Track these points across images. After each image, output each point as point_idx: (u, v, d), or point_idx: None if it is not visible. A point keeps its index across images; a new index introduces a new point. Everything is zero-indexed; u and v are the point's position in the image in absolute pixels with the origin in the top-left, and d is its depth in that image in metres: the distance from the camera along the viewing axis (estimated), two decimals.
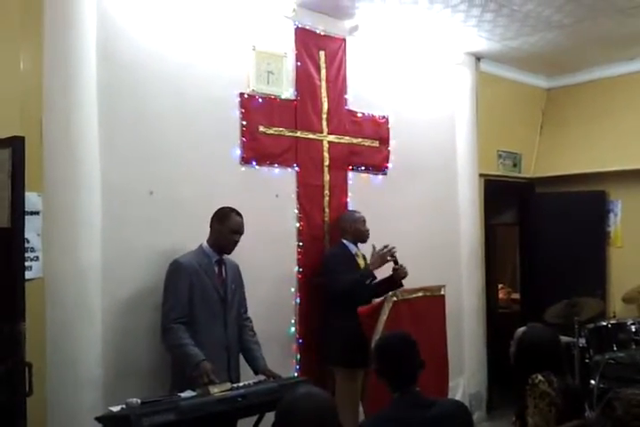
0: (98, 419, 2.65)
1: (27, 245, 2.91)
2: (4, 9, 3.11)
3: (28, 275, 2.83)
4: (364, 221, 4.21)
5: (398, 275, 4.06)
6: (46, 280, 3.10)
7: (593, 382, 4.51)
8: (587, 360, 4.69)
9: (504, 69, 5.97)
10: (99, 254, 3.25)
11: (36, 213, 3.08)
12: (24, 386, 2.58)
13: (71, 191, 3.16)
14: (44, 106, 3.14)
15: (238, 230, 3.39)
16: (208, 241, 3.39)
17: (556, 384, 2.68)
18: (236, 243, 3.40)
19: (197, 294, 3.24)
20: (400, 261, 4.08)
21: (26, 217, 2.72)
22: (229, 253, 3.43)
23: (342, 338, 3.94)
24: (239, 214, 3.43)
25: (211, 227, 3.40)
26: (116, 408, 2.66)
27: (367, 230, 4.21)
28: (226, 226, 3.36)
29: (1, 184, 2.67)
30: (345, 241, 4.19)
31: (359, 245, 4.23)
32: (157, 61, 3.61)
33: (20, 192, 2.65)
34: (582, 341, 4.68)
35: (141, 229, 3.46)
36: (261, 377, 3.27)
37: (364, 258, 4.17)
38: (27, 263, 2.87)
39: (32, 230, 2.99)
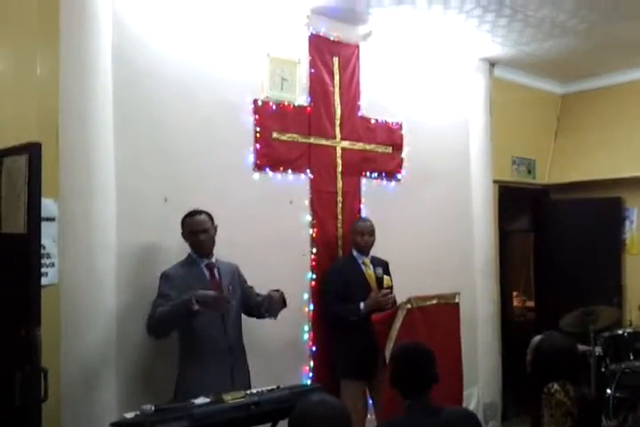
0: (112, 425, 2.65)
1: (43, 251, 2.92)
2: (20, 15, 3.16)
3: (43, 281, 2.84)
4: (363, 231, 4.11)
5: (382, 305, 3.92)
6: (62, 286, 3.11)
7: (609, 391, 4.46)
8: (603, 369, 4.64)
9: (518, 75, 5.95)
10: (114, 261, 3.26)
11: (52, 219, 3.09)
12: (39, 392, 2.59)
13: (87, 198, 3.17)
14: (60, 112, 3.16)
15: (196, 230, 3.31)
16: (191, 250, 3.38)
17: (572, 394, 2.65)
18: (203, 242, 3.31)
19: None
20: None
21: (42, 223, 2.73)
22: (208, 254, 3.36)
23: (350, 352, 3.94)
24: (193, 214, 3.33)
25: (182, 237, 3.38)
26: (129, 415, 2.65)
27: (364, 241, 4.10)
28: (185, 232, 3.34)
29: (17, 190, 2.69)
30: (354, 251, 4.17)
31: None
32: (172, 67, 3.62)
33: (37, 198, 2.67)
34: (598, 349, 4.63)
35: (156, 235, 3.47)
36: (274, 386, 3.22)
37: (374, 266, 4.12)
38: (42, 269, 2.88)
39: (48, 237, 3.01)
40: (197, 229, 3.32)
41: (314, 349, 4.16)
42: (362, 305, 3.89)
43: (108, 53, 3.30)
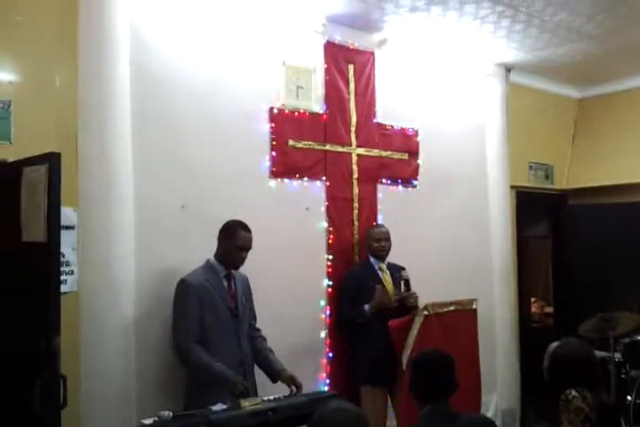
0: None
1: (62, 259, 2.95)
2: (40, 27, 3.20)
3: (62, 288, 2.88)
4: (380, 238, 4.13)
5: (407, 300, 3.97)
6: (80, 294, 3.15)
7: (629, 398, 4.41)
8: (623, 376, 4.59)
9: (535, 80, 5.92)
10: (132, 268, 3.30)
11: (72, 227, 3.14)
12: (59, 398, 2.61)
13: (105, 206, 3.22)
14: (79, 122, 3.21)
15: (245, 246, 3.31)
16: (216, 256, 3.35)
17: (591, 400, 2.63)
18: (243, 259, 3.33)
19: (208, 312, 3.18)
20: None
21: (61, 232, 2.76)
22: (237, 269, 3.37)
23: (368, 358, 3.93)
24: (247, 229, 3.34)
25: (218, 241, 3.35)
26: (148, 421, 2.68)
27: (381, 246, 4.12)
28: (232, 242, 3.29)
29: (37, 199, 2.73)
30: (370, 257, 4.18)
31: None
32: (188, 77, 3.66)
33: (56, 207, 2.70)
34: (618, 355, 4.58)
35: (174, 243, 3.50)
36: (287, 390, 3.23)
37: (392, 272, 4.12)
38: (62, 277, 2.92)
39: (67, 245, 3.05)
40: (246, 246, 3.32)
41: (331, 355, 4.16)
42: (366, 307, 3.89)
43: (127, 65, 3.35)
